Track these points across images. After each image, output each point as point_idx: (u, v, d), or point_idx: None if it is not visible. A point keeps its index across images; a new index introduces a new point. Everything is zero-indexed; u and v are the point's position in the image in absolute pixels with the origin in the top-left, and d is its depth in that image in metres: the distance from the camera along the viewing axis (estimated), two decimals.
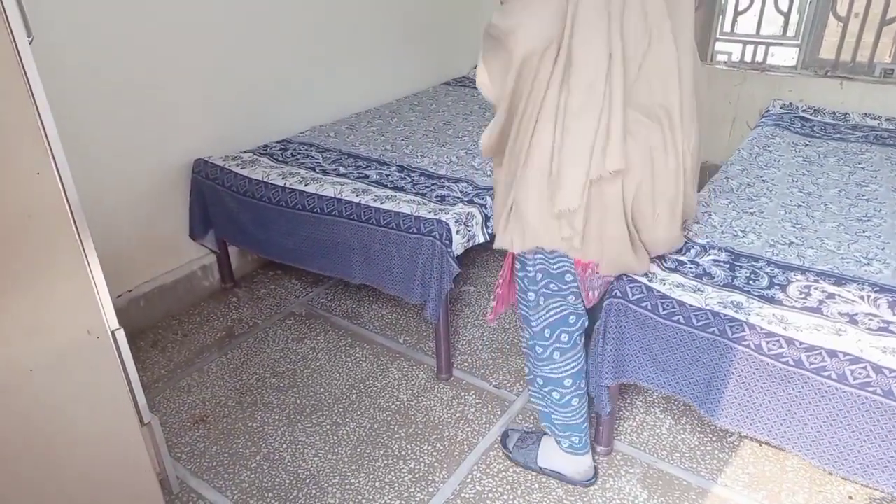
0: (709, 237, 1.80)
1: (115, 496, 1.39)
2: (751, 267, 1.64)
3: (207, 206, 2.43)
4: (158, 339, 2.33)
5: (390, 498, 1.66)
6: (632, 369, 1.59)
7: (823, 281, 1.57)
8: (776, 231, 1.85)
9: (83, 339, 1.24)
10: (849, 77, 2.97)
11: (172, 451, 1.80)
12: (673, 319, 1.50)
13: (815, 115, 2.94)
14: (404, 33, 3.40)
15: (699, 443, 1.81)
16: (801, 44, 3.07)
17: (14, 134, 1.07)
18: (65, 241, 1.17)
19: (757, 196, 2.10)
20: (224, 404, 2.00)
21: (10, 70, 1.04)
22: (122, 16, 2.09)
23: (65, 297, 1.19)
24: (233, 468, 1.76)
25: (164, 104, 2.28)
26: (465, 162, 2.42)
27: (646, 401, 1.97)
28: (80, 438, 1.29)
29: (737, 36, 3.30)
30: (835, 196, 2.10)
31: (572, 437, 1.63)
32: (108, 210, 2.18)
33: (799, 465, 1.72)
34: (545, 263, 1.46)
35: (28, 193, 1.10)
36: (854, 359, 1.31)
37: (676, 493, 1.65)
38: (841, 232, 1.84)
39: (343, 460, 1.78)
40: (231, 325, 2.41)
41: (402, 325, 2.38)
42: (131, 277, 2.33)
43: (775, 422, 1.42)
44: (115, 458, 1.37)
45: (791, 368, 1.36)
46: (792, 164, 2.41)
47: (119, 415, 1.35)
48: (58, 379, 1.22)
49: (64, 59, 1.96)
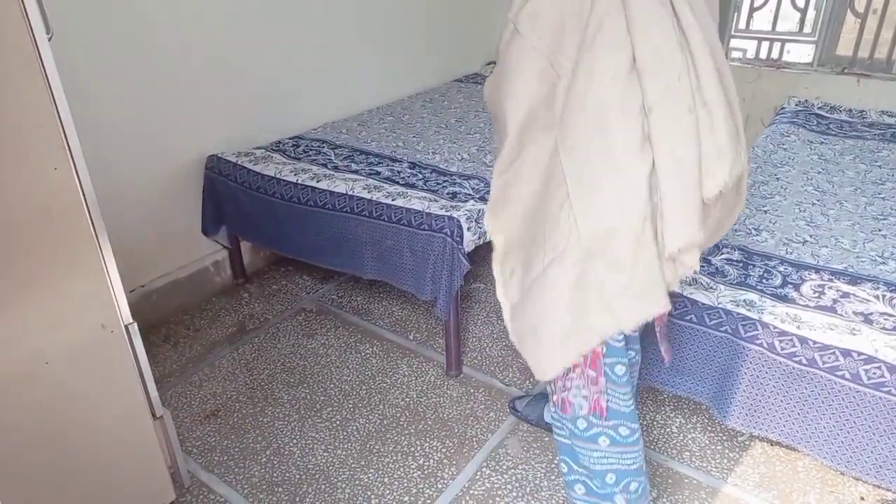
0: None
1: (127, 488, 1.41)
2: (764, 265, 1.63)
3: (220, 202, 2.45)
4: (170, 333, 2.35)
5: (399, 494, 1.66)
6: (645, 371, 1.59)
7: (838, 280, 1.56)
8: (790, 229, 1.83)
9: (98, 332, 1.26)
10: (866, 74, 2.93)
11: (183, 445, 1.81)
12: (685, 319, 1.49)
13: (832, 112, 2.90)
14: (417, 31, 3.40)
15: (709, 442, 1.80)
16: (818, 40, 3.04)
17: (32, 130, 1.08)
18: (81, 235, 1.19)
19: (771, 194, 2.08)
20: (235, 399, 2.01)
21: (29, 66, 1.05)
22: (138, 13, 2.10)
23: (80, 290, 1.21)
24: (243, 462, 1.77)
25: (178, 100, 2.30)
26: (477, 159, 2.42)
27: (656, 399, 1.96)
28: (94, 430, 1.31)
29: (752, 32, 3.27)
30: (850, 194, 2.07)
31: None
32: (122, 205, 2.20)
33: (810, 464, 1.70)
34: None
35: (45, 189, 1.12)
36: (868, 358, 1.30)
37: (686, 491, 1.65)
38: (856, 230, 1.82)
39: (352, 456, 1.78)
40: (242, 320, 2.43)
41: (411, 321, 2.39)
42: (144, 272, 2.35)
43: (787, 421, 1.41)
44: (128, 450, 1.38)
45: (804, 368, 1.35)
46: (807, 161, 2.38)
47: (132, 408, 1.37)
48: (73, 371, 1.23)
49: (81, 56, 1.98)
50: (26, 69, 1.05)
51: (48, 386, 1.20)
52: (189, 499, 1.66)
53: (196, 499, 1.66)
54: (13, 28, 1.02)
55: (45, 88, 1.08)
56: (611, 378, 1.23)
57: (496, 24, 3.90)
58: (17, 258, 1.11)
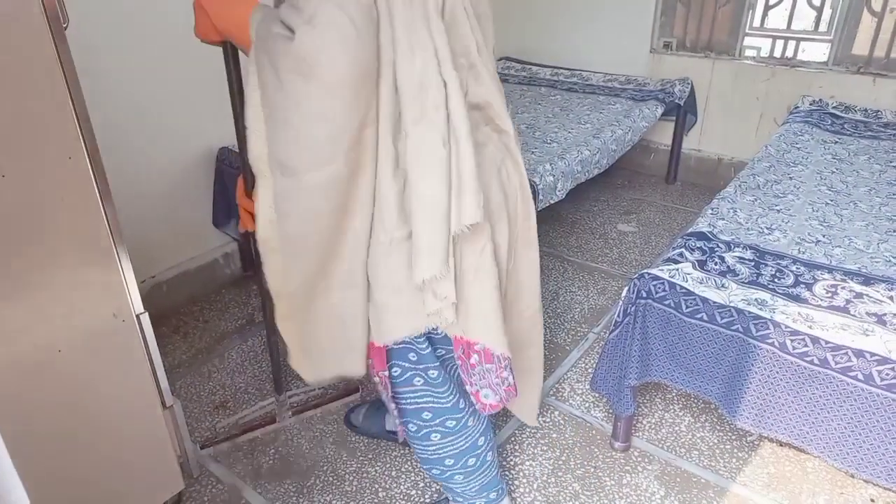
0: (734, 234, 1.77)
1: (136, 477, 1.41)
2: (776, 265, 1.61)
3: (230, 195, 2.45)
4: (180, 324, 2.37)
5: (406, 487, 1.67)
6: (656, 368, 1.58)
7: (851, 280, 1.54)
8: (803, 229, 1.81)
9: (110, 321, 1.26)
10: (882, 74, 2.90)
11: (192, 436, 1.83)
12: (696, 317, 1.48)
13: (846, 112, 2.87)
14: None
15: (718, 441, 1.79)
16: (834, 39, 3.01)
17: (48, 119, 1.09)
18: (94, 225, 1.19)
19: (784, 193, 2.06)
20: (244, 390, 2.02)
21: (46, 56, 1.06)
22: (154, 3, 2.11)
23: (93, 280, 1.22)
24: (251, 453, 1.78)
25: (190, 92, 2.30)
26: None
27: (665, 398, 1.95)
28: (105, 419, 1.31)
29: (766, 31, 3.23)
30: (864, 194, 2.05)
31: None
32: (134, 196, 2.21)
33: (820, 465, 1.69)
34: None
35: (59, 178, 1.12)
36: (882, 359, 1.28)
37: (694, 490, 1.64)
38: (870, 231, 1.80)
39: (360, 449, 1.79)
40: (252, 312, 2.43)
41: None
42: (155, 263, 2.36)
43: (798, 422, 1.40)
44: (138, 439, 1.39)
45: (816, 368, 1.34)
46: (820, 161, 2.36)
47: (142, 397, 1.38)
48: (85, 360, 1.24)
49: (95, 46, 1.98)
50: (42, 59, 1.06)
51: (60, 374, 1.21)
52: (198, 488, 1.67)
53: (204, 488, 1.67)
54: (30, 17, 1.02)
55: (61, 78, 1.08)
56: (428, 382, 1.28)
57: (508, 20, 3.89)
58: (31, 247, 1.11)
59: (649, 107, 3.06)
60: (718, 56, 3.30)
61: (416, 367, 1.27)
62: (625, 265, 2.71)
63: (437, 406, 1.31)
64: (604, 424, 1.85)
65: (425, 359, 1.26)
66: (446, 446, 1.36)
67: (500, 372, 1.21)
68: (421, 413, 1.32)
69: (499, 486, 1.50)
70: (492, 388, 1.24)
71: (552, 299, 2.46)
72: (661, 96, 3.15)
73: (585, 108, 3.06)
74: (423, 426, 1.34)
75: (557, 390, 2.00)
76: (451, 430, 1.34)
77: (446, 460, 1.38)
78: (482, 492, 1.46)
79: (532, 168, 2.24)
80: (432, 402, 1.30)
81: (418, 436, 1.36)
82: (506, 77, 3.65)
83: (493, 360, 1.20)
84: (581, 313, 2.38)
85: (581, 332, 2.27)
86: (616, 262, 2.74)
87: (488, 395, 1.25)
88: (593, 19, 3.57)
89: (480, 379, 1.23)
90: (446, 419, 1.33)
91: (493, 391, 1.24)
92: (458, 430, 1.34)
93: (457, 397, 1.32)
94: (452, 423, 1.33)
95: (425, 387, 1.29)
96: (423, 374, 1.27)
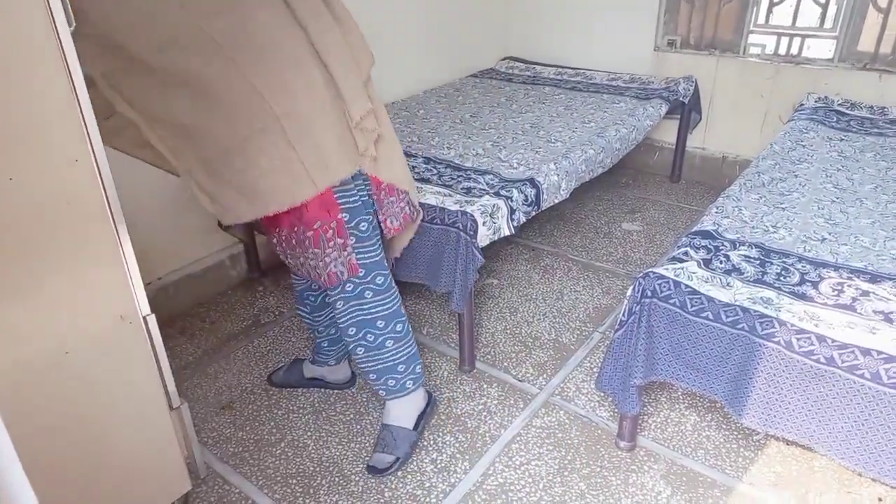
0: (739, 232, 1.77)
1: (144, 478, 1.42)
2: (782, 263, 1.61)
3: None
4: (187, 326, 2.38)
5: (412, 487, 1.67)
6: (662, 367, 1.57)
7: (857, 278, 1.54)
8: (808, 227, 1.81)
9: (116, 323, 1.27)
10: (888, 70, 2.89)
11: (199, 437, 1.83)
12: (701, 316, 1.48)
13: (852, 109, 2.86)
14: (432, 25, 3.40)
15: (724, 440, 1.78)
16: (839, 36, 2.99)
17: (55, 121, 1.10)
18: (100, 227, 1.20)
19: (789, 191, 2.06)
20: (250, 391, 2.03)
21: (51, 58, 1.07)
22: None
23: (99, 281, 1.22)
24: (258, 454, 1.79)
25: None
26: (492, 154, 2.41)
27: (670, 397, 1.95)
28: (112, 420, 1.32)
29: (771, 27, 3.22)
30: (871, 192, 2.04)
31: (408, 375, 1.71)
32: (140, 198, 2.22)
33: (827, 464, 1.69)
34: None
35: (66, 180, 1.13)
36: (889, 357, 1.28)
37: (700, 489, 1.64)
38: (877, 228, 1.79)
39: (366, 449, 1.79)
40: (258, 313, 2.44)
41: (425, 316, 2.39)
42: (161, 265, 2.37)
43: (804, 420, 1.40)
44: (145, 440, 1.40)
45: (822, 366, 1.33)
46: (826, 158, 2.35)
47: (149, 399, 1.39)
48: (92, 362, 1.25)
49: None
50: (49, 61, 1.06)
51: (68, 376, 1.22)
52: (204, 489, 1.68)
53: (211, 489, 1.68)
54: (36, 20, 1.03)
55: (67, 80, 1.09)
56: (357, 236, 1.52)
57: (511, 19, 3.89)
58: (38, 249, 1.12)
59: (654, 105, 3.05)
60: (723, 54, 3.29)
61: (348, 224, 1.52)
62: (629, 264, 2.71)
63: (367, 262, 1.55)
64: (609, 424, 1.85)
65: (357, 212, 1.52)
66: (377, 305, 1.59)
67: (401, 203, 1.65)
68: (359, 273, 1.55)
69: (420, 362, 1.74)
70: (395, 216, 1.64)
71: (557, 299, 2.46)
72: (665, 95, 3.14)
73: (589, 107, 3.06)
74: (359, 284, 1.56)
75: (563, 389, 2.00)
76: (381, 287, 1.59)
77: (378, 321, 1.60)
78: (409, 363, 1.69)
79: (536, 167, 2.24)
80: (364, 258, 1.54)
81: (354, 294, 1.57)
82: (510, 77, 3.66)
83: (395, 193, 1.62)
84: (586, 312, 2.38)
85: (586, 332, 2.27)
86: (621, 262, 2.73)
87: (393, 222, 1.64)
88: (597, 18, 3.57)
89: (388, 209, 1.62)
90: (376, 275, 1.57)
91: (396, 218, 1.64)
92: (387, 287, 1.60)
93: (382, 255, 1.59)
94: (381, 280, 1.59)
95: (356, 242, 1.52)
96: (355, 227, 1.52)
